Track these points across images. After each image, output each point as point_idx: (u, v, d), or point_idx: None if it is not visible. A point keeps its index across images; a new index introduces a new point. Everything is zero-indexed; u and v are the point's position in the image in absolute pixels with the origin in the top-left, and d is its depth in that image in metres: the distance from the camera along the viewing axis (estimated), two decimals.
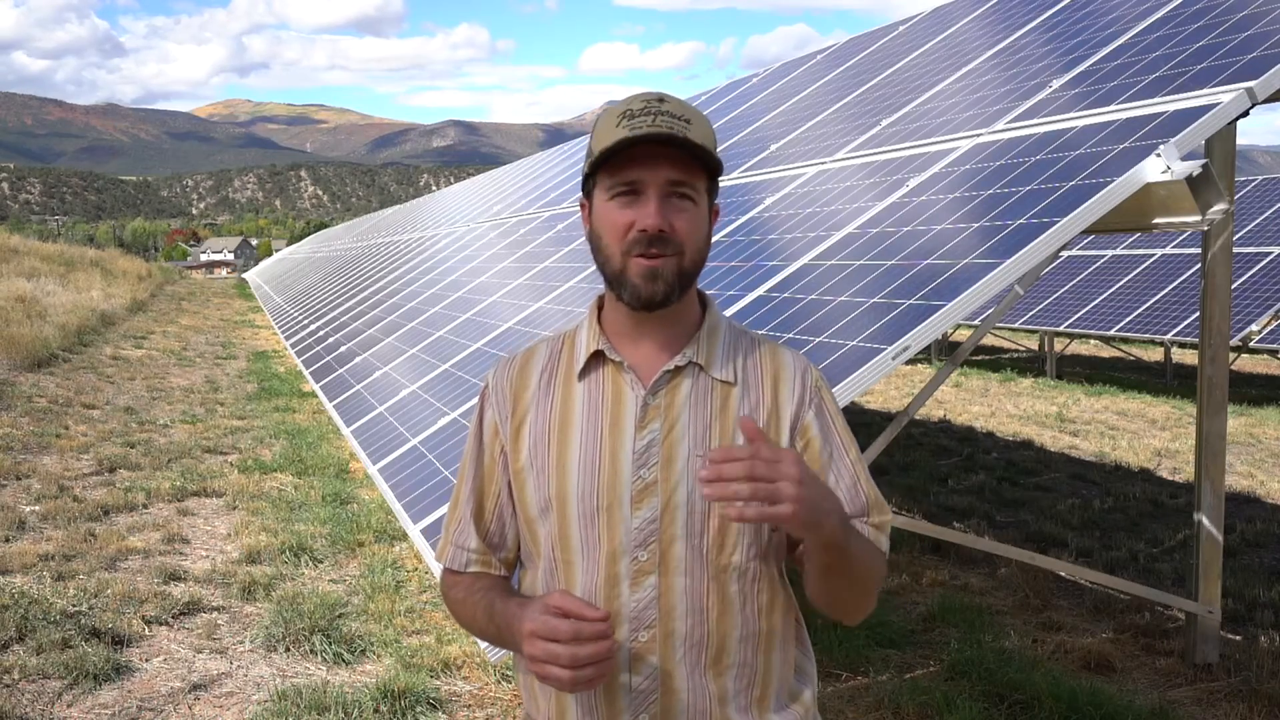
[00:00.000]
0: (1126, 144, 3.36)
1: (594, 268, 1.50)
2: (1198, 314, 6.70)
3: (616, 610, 1.43)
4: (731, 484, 1.22)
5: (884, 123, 5.47)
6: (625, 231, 1.41)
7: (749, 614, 1.47)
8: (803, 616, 1.59)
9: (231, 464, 7.89)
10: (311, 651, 4.33)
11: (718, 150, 1.48)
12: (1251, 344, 12.43)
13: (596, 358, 1.49)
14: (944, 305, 3.02)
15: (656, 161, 1.39)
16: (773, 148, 6.59)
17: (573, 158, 13.26)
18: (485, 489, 1.55)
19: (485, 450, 1.55)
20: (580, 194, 1.53)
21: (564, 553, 1.47)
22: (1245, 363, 17.09)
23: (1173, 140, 3.13)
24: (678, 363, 1.46)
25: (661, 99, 1.42)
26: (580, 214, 1.53)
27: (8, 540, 5.68)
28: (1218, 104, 3.22)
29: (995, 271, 3.03)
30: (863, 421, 10.15)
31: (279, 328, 17.41)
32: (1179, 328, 12.61)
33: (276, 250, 79.22)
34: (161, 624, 4.63)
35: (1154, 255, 14.68)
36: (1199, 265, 5.03)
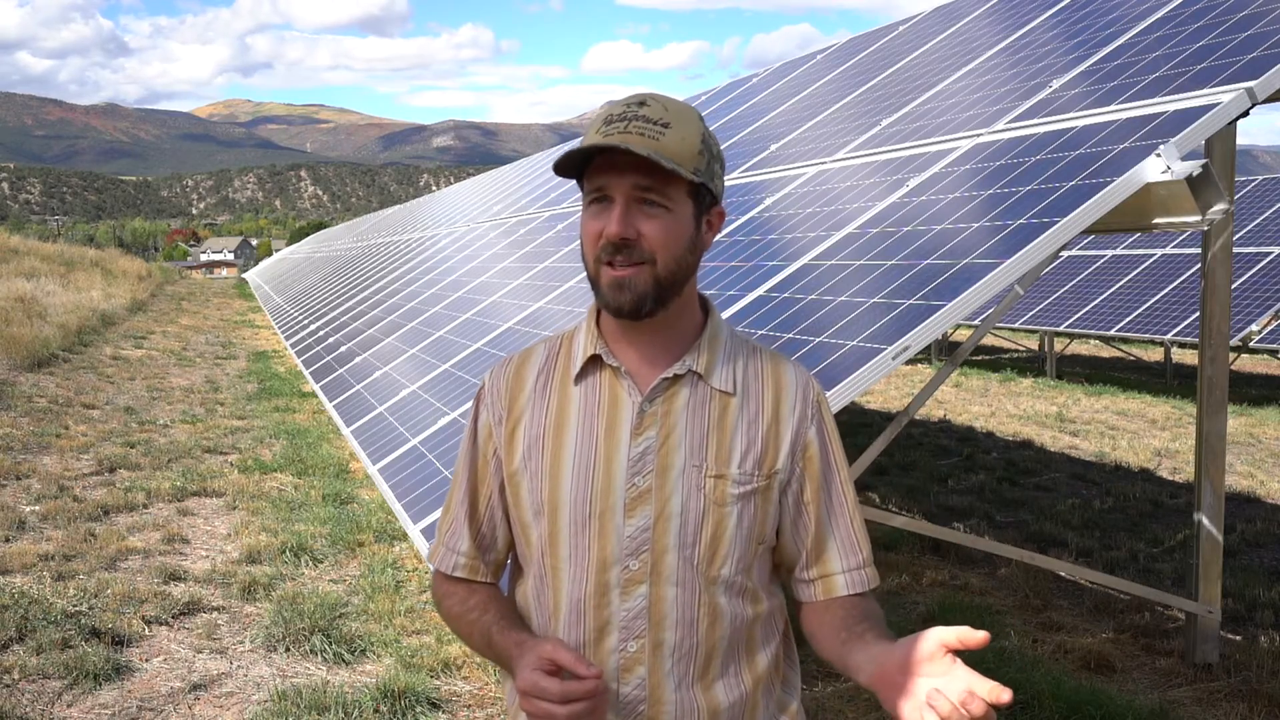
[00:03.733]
0: (1127, 144, 3.36)
1: None
2: (1198, 314, 6.70)
3: (606, 619, 1.42)
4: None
5: (884, 122, 5.47)
6: (597, 239, 1.38)
7: (739, 625, 1.45)
8: (790, 628, 1.58)
9: (231, 464, 7.89)
10: (311, 651, 4.33)
11: (720, 149, 1.46)
12: (1251, 344, 12.43)
13: (594, 362, 1.47)
14: (944, 305, 3.01)
15: (622, 168, 1.36)
16: (773, 147, 6.59)
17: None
18: (478, 491, 1.54)
19: (479, 452, 1.53)
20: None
21: (553, 559, 1.45)
22: (1245, 363, 17.09)
23: (1173, 140, 3.12)
24: (676, 370, 1.43)
25: (644, 102, 1.38)
26: (577, 216, 1.52)
27: (8, 540, 5.68)
28: (1218, 104, 3.22)
29: (995, 271, 3.02)
30: (863, 422, 10.15)
31: (279, 328, 17.41)
32: (1179, 328, 12.61)
33: (276, 250, 79.24)
34: (161, 624, 4.63)
35: (1154, 255, 14.68)
36: (1199, 265, 5.04)
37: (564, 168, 1.42)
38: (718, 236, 5.19)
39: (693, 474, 1.41)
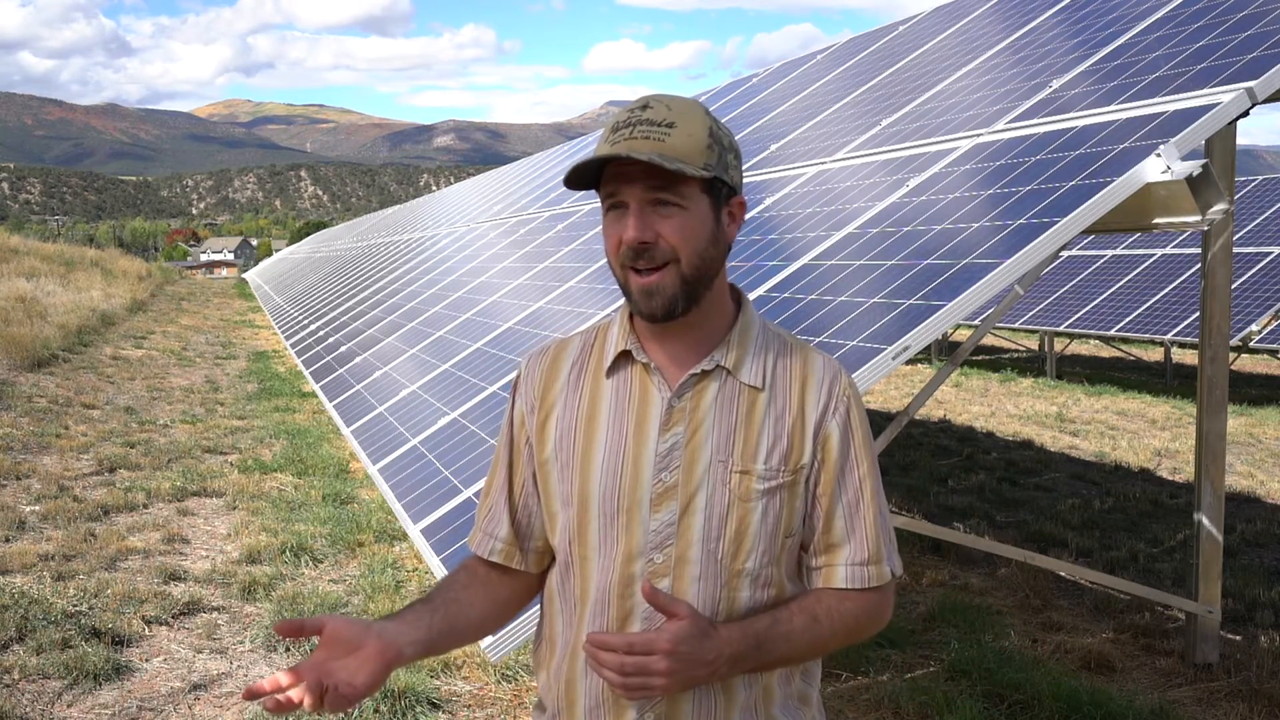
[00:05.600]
0: (1127, 144, 3.36)
1: (595, 266, 1.50)
2: (1198, 314, 6.70)
3: (629, 609, 1.44)
4: (605, 669, 1.32)
5: (884, 122, 5.47)
6: (618, 246, 1.40)
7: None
8: None
9: (231, 464, 7.89)
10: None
11: (733, 139, 1.47)
12: (1251, 344, 12.43)
13: (625, 356, 1.49)
14: (944, 305, 3.02)
15: (632, 173, 1.37)
16: (773, 147, 6.59)
17: (575, 157, 13.26)
18: (514, 478, 1.56)
19: (514, 439, 1.56)
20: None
21: (581, 549, 1.47)
22: (1245, 363, 17.09)
23: (1173, 140, 3.13)
24: (705, 366, 1.44)
25: (646, 105, 1.40)
26: (578, 216, 1.53)
27: (8, 540, 5.68)
28: (1218, 104, 3.22)
29: (995, 271, 3.03)
30: None
31: (279, 328, 17.40)
32: (1179, 328, 12.61)
33: (277, 250, 79.27)
34: (161, 624, 4.63)
35: (1154, 255, 14.68)
36: (1199, 265, 5.04)
37: (576, 181, 1.43)
38: None
39: (718, 469, 1.43)
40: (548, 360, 1.56)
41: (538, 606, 1.62)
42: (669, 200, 1.38)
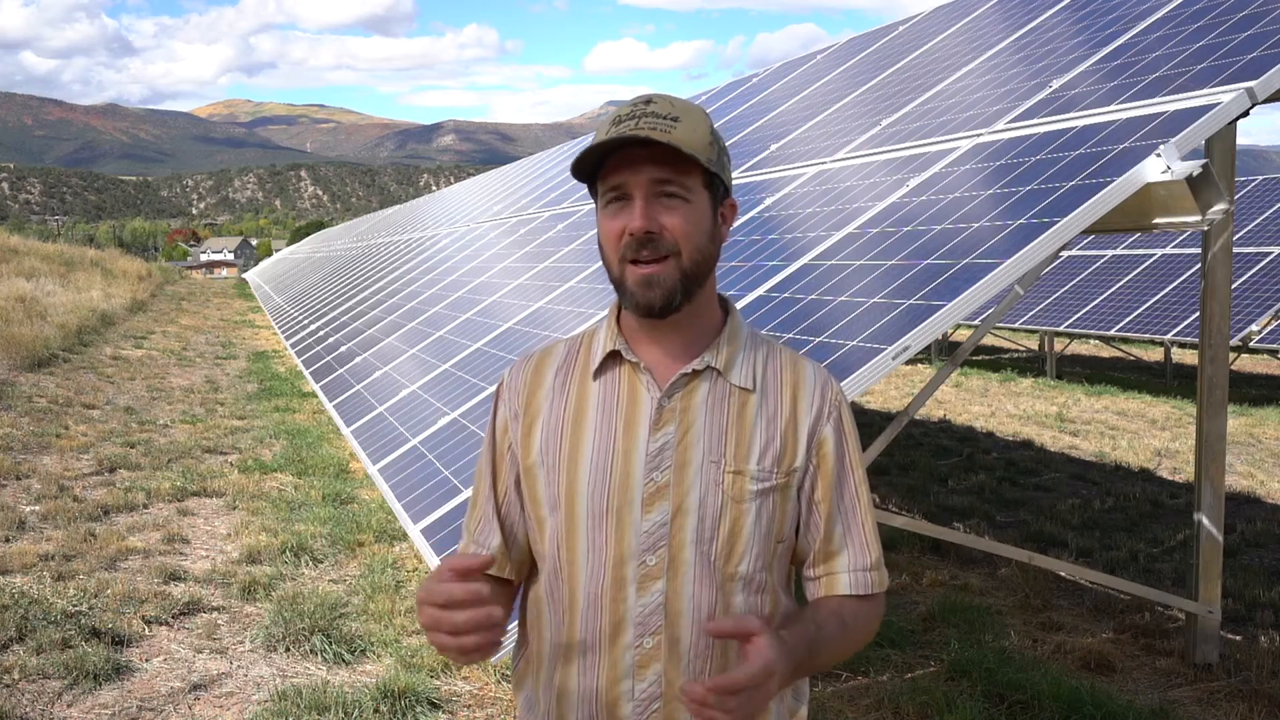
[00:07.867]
0: (1127, 144, 3.36)
1: (595, 266, 1.49)
2: (1198, 314, 6.69)
3: (622, 615, 1.41)
4: (728, 716, 1.20)
5: (884, 122, 5.47)
6: (619, 238, 1.38)
7: None
8: None
9: (231, 464, 7.89)
10: (311, 651, 4.33)
11: (725, 144, 1.46)
12: (1251, 344, 12.43)
13: (613, 358, 1.47)
14: (944, 305, 3.02)
15: (638, 163, 1.37)
16: (773, 147, 6.59)
17: (575, 157, 13.25)
18: (498, 487, 1.54)
19: (497, 447, 1.54)
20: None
21: (569, 553, 1.44)
22: (1245, 363, 17.09)
23: (1173, 140, 3.13)
24: (695, 366, 1.43)
25: (650, 100, 1.40)
26: (578, 216, 1.52)
27: (8, 540, 5.68)
28: (1218, 104, 3.22)
29: (995, 271, 3.03)
30: (863, 421, 10.15)
31: (279, 328, 17.40)
32: (1179, 328, 12.61)
33: (276, 250, 79.27)
34: (161, 624, 4.63)
35: (1154, 255, 14.68)
36: (1199, 265, 5.05)
37: (580, 169, 1.43)
38: None
39: (711, 469, 1.41)
40: (531, 366, 1.53)
41: (517, 620, 1.58)
42: (674, 192, 1.38)
